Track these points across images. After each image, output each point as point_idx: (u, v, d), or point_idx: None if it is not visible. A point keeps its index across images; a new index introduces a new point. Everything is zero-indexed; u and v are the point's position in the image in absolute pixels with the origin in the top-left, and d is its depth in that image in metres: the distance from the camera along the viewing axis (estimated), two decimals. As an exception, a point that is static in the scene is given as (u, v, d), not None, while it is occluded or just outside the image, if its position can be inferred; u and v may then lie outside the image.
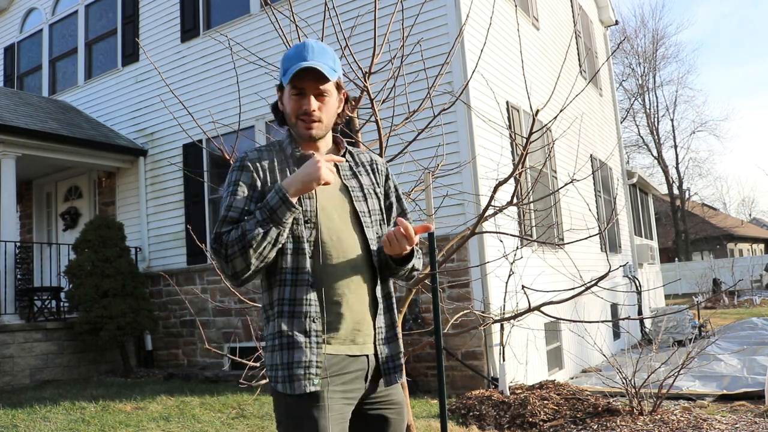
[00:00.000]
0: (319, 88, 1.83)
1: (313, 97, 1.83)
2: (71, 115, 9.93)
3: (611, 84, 14.60)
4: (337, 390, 1.75)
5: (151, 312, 8.33)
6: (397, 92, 3.42)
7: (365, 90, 3.22)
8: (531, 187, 4.09)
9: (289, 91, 1.85)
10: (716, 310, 16.76)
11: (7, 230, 8.01)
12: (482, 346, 6.55)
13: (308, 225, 1.80)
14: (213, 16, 9.21)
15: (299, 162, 1.86)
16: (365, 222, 1.88)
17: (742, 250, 39.71)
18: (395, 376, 1.86)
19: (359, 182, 1.93)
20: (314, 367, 1.72)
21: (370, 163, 2.01)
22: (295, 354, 1.73)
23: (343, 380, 1.76)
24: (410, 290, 3.47)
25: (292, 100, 1.85)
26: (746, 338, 9.98)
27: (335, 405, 1.73)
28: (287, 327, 1.75)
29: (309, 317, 1.75)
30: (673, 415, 5.08)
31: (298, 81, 1.82)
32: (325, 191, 1.85)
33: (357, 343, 1.81)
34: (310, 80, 1.82)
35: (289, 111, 1.87)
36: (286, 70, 1.82)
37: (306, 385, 1.71)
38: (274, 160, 1.87)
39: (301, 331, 1.74)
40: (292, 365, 1.72)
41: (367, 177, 1.96)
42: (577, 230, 7.47)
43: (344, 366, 1.77)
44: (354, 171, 1.95)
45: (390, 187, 2.02)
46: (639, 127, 35.91)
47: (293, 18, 3.35)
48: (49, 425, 5.14)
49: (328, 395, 1.72)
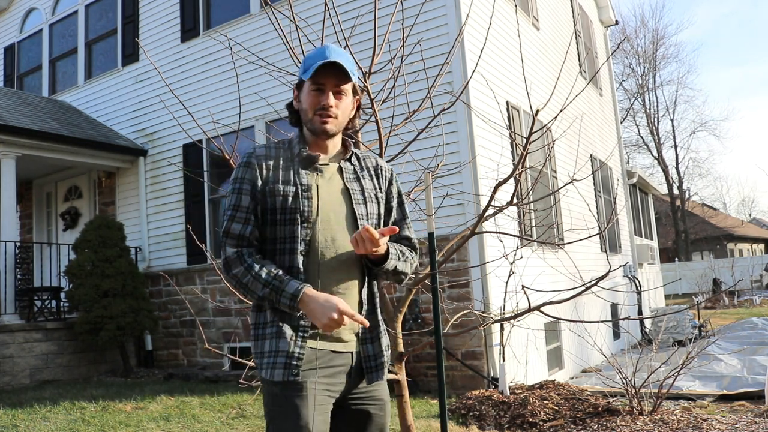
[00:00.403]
0: (338, 86, 1.91)
1: (331, 94, 1.90)
2: (71, 115, 9.93)
3: (611, 84, 14.60)
4: (321, 382, 1.82)
5: (151, 312, 8.33)
6: (397, 92, 3.42)
7: (365, 90, 3.22)
8: (531, 187, 4.09)
9: (309, 87, 1.92)
10: (716, 310, 16.76)
11: (7, 230, 8.01)
12: (482, 346, 6.55)
13: (305, 225, 1.86)
14: (213, 16, 9.21)
15: (305, 161, 1.92)
16: (361, 225, 1.92)
17: (742, 250, 39.71)
18: (377, 374, 1.93)
19: (361, 186, 1.98)
20: (296, 359, 1.80)
21: (375, 167, 2.06)
22: (281, 344, 1.81)
23: (326, 373, 1.83)
24: (410, 290, 3.47)
25: (312, 96, 1.91)
26: (746, 338, 9.98)
27: (318, 396, 1.80)
28: (278, 318, 1.84)
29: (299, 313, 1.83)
30: (673, 415, 5.08)
31: (319, 77, 1.89)
32: (326, 192, 1.91)
33: (343, 341, 1.88)
34: (331, 77, 1.89)
35: (307, 106, 1.92)
36: (308, 68, 1.90)
37: (287, 374, 1.79)
38: (281, 158, 1.93)
39: (291, 325, 1.83)
40: (277, 354, 1.80)
41: (370, 181, 2.01)
42: (577, 230, 7.48)
43: (328, 360, 1.84)
44: (358, 174, 2.00)
45: (392, 193, 2.07)
46: (639, 127, 35.94)
47: (293, 18, 3.35)
48: (49, 425, 5.15)
49: (311, 386, 1.80)
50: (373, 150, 3.53)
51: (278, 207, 1.86)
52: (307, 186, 1.88)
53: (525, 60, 8.33)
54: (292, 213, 1.85)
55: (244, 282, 1.81)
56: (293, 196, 1.86)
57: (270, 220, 1.87)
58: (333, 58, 1.87)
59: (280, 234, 1.86)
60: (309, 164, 1.93)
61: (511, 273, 5.39)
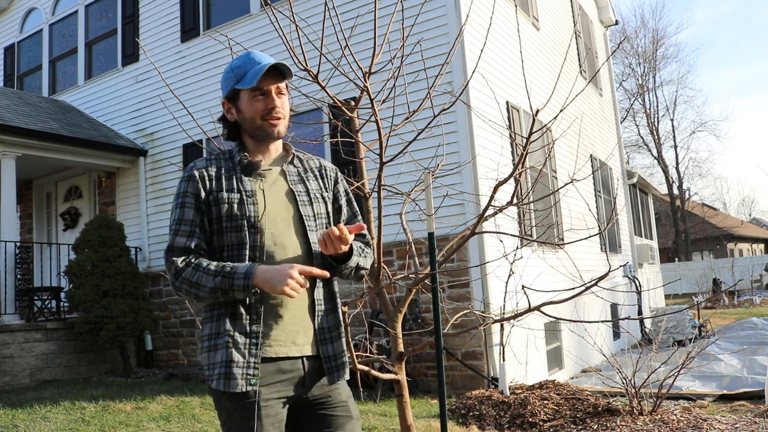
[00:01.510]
0: (279, 87, 1.93)
1: (275, 95, 1.92)
2: (71, 115, 9.93)
3: (611, 84, 14.60)
4: (273, 394, 1.81)
5: (151, 312, 8.33)
6: (397, 92, 3.42)
7: (365, 90, 3.22)
8: (531, 187, 4.09)
9: (249, 95, 1.91)
10: (716, 310, 16.76)
11: (7, 230, 8.01)
12: (482, 346, 6.55)
13: (252, 231, 1.85)
14: (213, 16, 9.21)
15: (247, 169, 1.92)
16: (309, 226, 1.93)
17: (742, 250, 39.71)
18: (338, 374, 1.92)
19: (306, 187, 1.99)
20: (252, 367, 1.78)
21: (319, 168, 2.07)
22: (234, 353, 1.78)
23: (279, 383, 1.82)
24: (410, 290, 3.47)
25: (256, 102, 1.91)
26: (746, 338, 9.98)
27: (270, 410, 1.79)
28: (228, 327, 1.81)
29: (249, 320, 1.81)
30: (673, 415, 5.08)
31: (260, 82, 1.89)
32: (272, 196, 1.91)
33: (297, 344, 1.86)
34: (271, 80, 1.91)
35: (252, 114, 1.92)
36: (243, 76, 1.90)
37: (242, 385, 1.77)
38: (222, 168, 1.93)
39: (242, 333, 1.80)
40: (231, 364, 1.77)
41: (315, 182, 2.02)
42: (577, 230, 7.48)
43: (281, 369, 1.83)
44: (302, 176, 2.01)
45: (339, 191, 2.08)
46: (639, 127, 35.95)
47: (293, 18, 3.35)
48: (49, 425, 5.15)
49: (263, 400, 1.78)
50: (373, 150, 3.53)
51: (224, 215, 1.85)
52: (251, 192, 1.89)
53: (525, 60, 8.33)
54: (238, 219, 1.85)
55: (194, 280, 1.78)
56: (238, 202, 1.86)
57: (216, 229, 1.87)
58: (268, 62, 1.88)
59: (227, 241, 1.86)
60: (251, 171, 1.93)
61: (511, 273, 5.39)
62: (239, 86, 1.91)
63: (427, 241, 3.64)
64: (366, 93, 3.24)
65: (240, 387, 1.76)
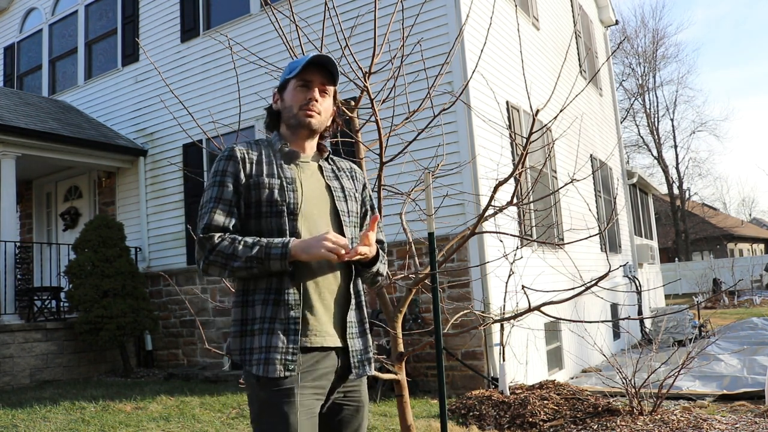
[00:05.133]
0: (323, 85, 1.96)
1: (317, 90, 1.95)
2: (71, 115, 9.93)
3: (611, 84, 14.60)
4: (308, 386, 1.79)
5: (151, 312, 8.33)
6: (397, 92, 3.41)
7: (365, 90, 3.22)
8: (531, 187, 4.09)
9: (294, 84, 1.95)
10: (716, 310, 16.76)
11: (7, 230, 8.01)
12: (482, 346, 6.55)
13: (291, 217, 1.85)
14: (213, 16, 9.21)
15: (287, 157, 1.94)
16: (345, 221, 1.95)
17: (742, 250, 39.70)
18: (364, 369, 1.91)
19: (341, 184, 2.01)
20: (290, 353, 1.76)
21: (350, 170, 2.10)
22: (273, 339, 1.77)
23: (314, 376, 1.80)
24: (410, 290, 3.47)
25: (297, 92, 1.95)
26: (746, 338, 9.98)
27: (306, 401, 1.77)
28: (268, 314, 1.80)
29: (289, 306, 1.79)
30: (673, 415, 5.08)
31: (306, 74, 1.94)
32: (309, 187, 1.92)
33: (330, 335, 1.85)
34: (318, 75, 1.95)
35: (292, 102, 1.95)
36: (294, 68, 1.95)
37: (281, 370, 1.74)
38: (262, 153, 1.93)
39: (281, 319, 1.79)
40: (270, 349, 1.76)
41: (348, 181, 2.05)
42: (577, 230, 7.48)
43: (317, 362, 1.81)
44: (336, 174, 2.03)
45: (366, 196, 2.11)
46: (639, 127, 35.95)
47: (293, 18, 3.35)
48: (49, 425, 5.14)
49: (299, 391, 1.76)
50: (373, 150, 3.53)
51: (264, 200, 1.85)
52: (291, 179, 1.89)
53: (525, 60, 8.33)
54: (278, 205, 1.85)
55: (229, 252, 1.77)
56: (279, 188, 1.86)
57: (254, 213, 1.86)
58: (316, 56, 1.93)
59: (265, 227, 1.85)
60: (291, 159, 1.94)
61: (511, 273, 5.39)
62: (288, 76, 1.96)
63: (427, 241, 3.64)
64: (366, 93, 3.24)
65: (279, 372, 1.74)
